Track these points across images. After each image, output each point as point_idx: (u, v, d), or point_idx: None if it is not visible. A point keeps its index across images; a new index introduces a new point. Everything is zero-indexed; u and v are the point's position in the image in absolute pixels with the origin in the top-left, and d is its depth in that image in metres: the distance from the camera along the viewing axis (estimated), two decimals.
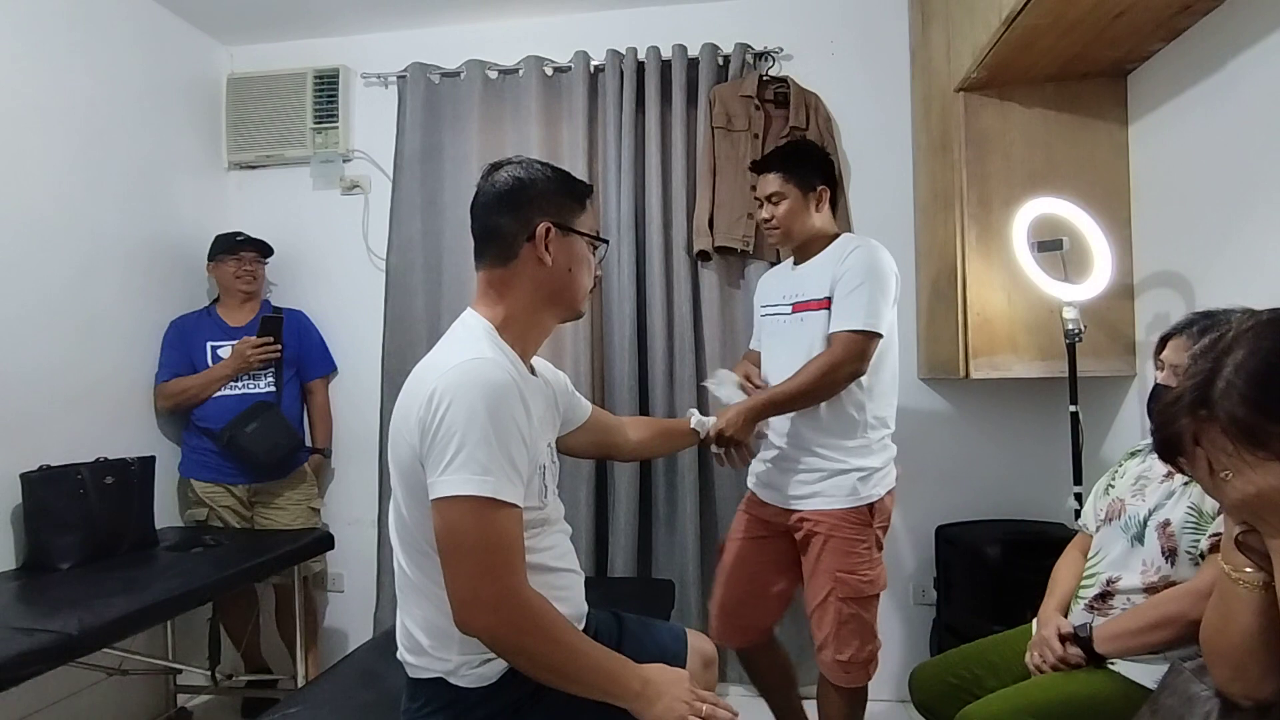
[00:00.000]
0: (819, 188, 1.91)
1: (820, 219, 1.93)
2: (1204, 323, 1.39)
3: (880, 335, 1.79)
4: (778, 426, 1.91)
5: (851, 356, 1.77)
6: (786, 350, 1.90)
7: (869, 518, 1.84)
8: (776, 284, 2.04)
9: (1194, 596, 1.29)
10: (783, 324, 1.94)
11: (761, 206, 1.94)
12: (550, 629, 1.07)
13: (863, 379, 1.81)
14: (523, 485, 1.08)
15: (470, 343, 1.15)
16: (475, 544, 1.03)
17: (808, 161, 1.92)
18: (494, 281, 1.22)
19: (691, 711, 1.10)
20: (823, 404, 1.83)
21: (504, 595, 1.04)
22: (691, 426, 1.76)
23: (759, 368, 2.06)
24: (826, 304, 1.83)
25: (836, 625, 1.81)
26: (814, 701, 1.98)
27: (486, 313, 1.21)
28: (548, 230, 1.19)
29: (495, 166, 1.26)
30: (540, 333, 1.27)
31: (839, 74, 2.73)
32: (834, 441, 1.83)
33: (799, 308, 1.90)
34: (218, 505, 2.56)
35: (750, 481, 2.04)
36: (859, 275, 1.79)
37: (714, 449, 1.81)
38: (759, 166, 1.97)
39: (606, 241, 1.32)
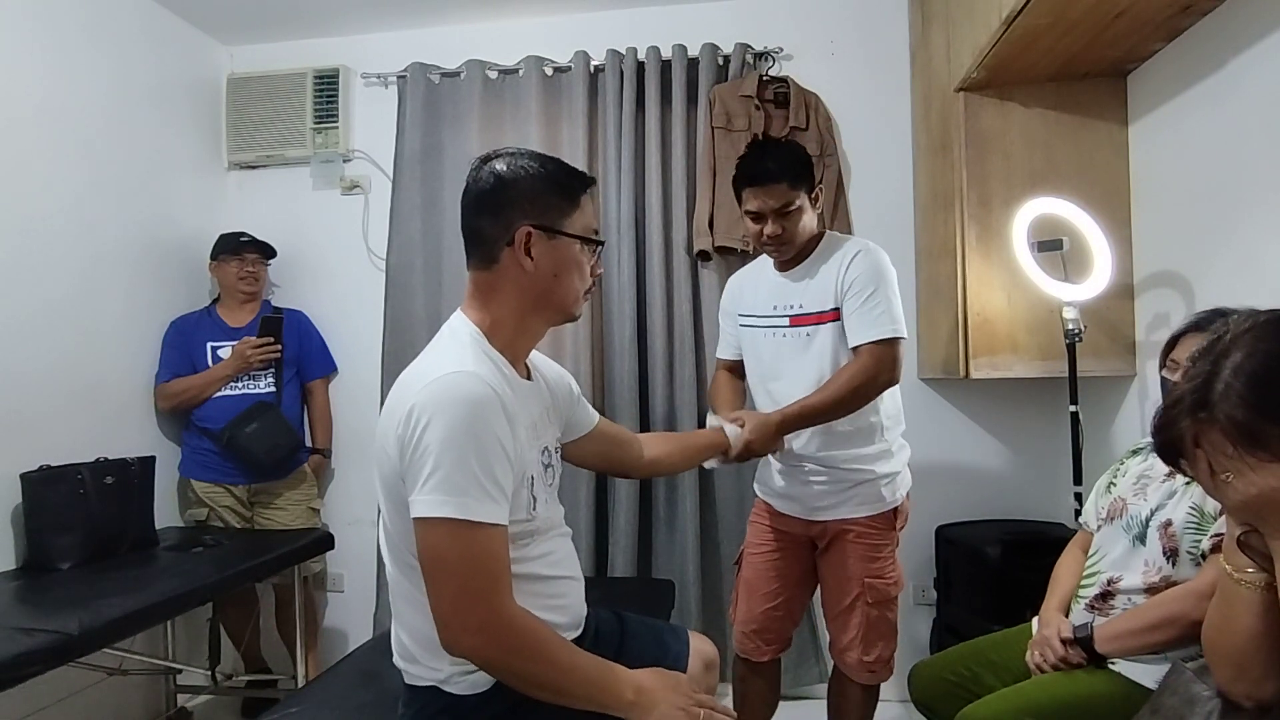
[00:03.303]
0: (816, 188, 1.82)
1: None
2: (1218, 320, 1.39)
3: (904, 338, 1.75)
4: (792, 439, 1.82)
5: (885, 366, 1.71)
6: (794, 366, 1.80)
7: (893, 521, 1.83)
8: (762, 291, 1.88)
9: (1195, 597, 1.29)
10: (780, 338, 1.82)
11: (763, 221, 1.75)
12: (538, 647, 1.05)
13: None
14: (506, 502, 1.05)
15: (454, 352, 1.11)
16: (456, 566, 1.01)
17: (807, 162, 1.80)
18: (480, 284, 1.18)
19: (689, 717, 1.08)
20: None
21: (488, 617, 1.01)
22: (724, 434, 1.69)
23: (739, 379, 1.98)
24: (835, 315, 1.76)
25: (864, 628, 1.81)
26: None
27: (474, 316, 1.17)
28: (528, 235, 1.13)
29: (484, 160, 1.19)
30: (530, 337, 1.23)
31: (839, 74, 2.73)
32: (857, 451, 1.78)
33: (800, 321, 1.80)
34: (218, 505, 2.56)
35: (762, 492, 1.96)
36: (869, 281, 1.72)
37: (736, 460, 1.76)
38: (763, 176, 1.73)
39: (601, 243, 1.25)
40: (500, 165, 1.16)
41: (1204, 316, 1.44)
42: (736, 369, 2.00)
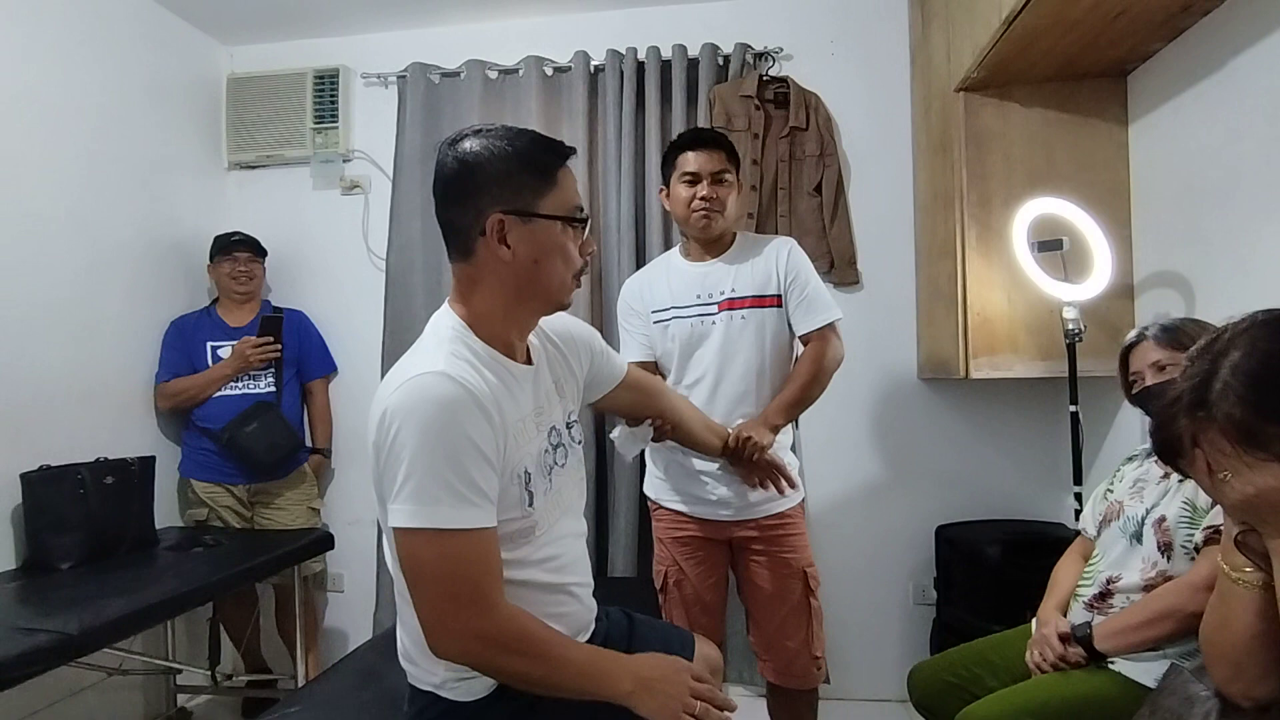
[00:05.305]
0: (740, 179, 1.88)
1: None
2: (1154, 329, 1.50)
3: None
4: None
5: (840, 345, 1.84)
6: (728, 350, 1.80)
7: (803, 508, 1.91)
8: (676, 284, 1.87)
9: (1190, 589, 1.30)
10: (710, 325, 1.82)
11: (698, 183, 1.79)
12: (529, 646, 1.02)
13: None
14: (487, 504, 1.00)
15: (432, 351, 1.06)
16: (434, 574, 0.98)
17: (736, 154, 1.87)
18: (461, 277, 1.11)
19: (685, 709, 1.05)
20: (756, 403, 1.80)
21: (472, 624, 0.98)
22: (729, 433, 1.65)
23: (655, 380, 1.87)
24: (776, 302, 1.82)
25: (813, 622, 1.84)
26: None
27: (459, 310, 1.11)
28: (500, 223, 1.05)
29: (450, 143, 1.09)
30: (519, 326, 1.15)
31: (839, 74, 2.73)
32: (779, 439, 1.78)
33: (733, 305, 1.81)
34: (218, 505, 2.56)
35: (678, 502, 1.87)
36: (808, 273, 1.84)
37: (735, 466, 1.70)
38: (705, 139, 1.82)
39: (584, 221, 1.13)
40: (465, 146, 1.07)
41: (1145, 328, 1.53)
42: (648, 370, 1.91)
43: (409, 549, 0.99)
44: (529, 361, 1.18)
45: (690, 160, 1.81)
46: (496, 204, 1.06)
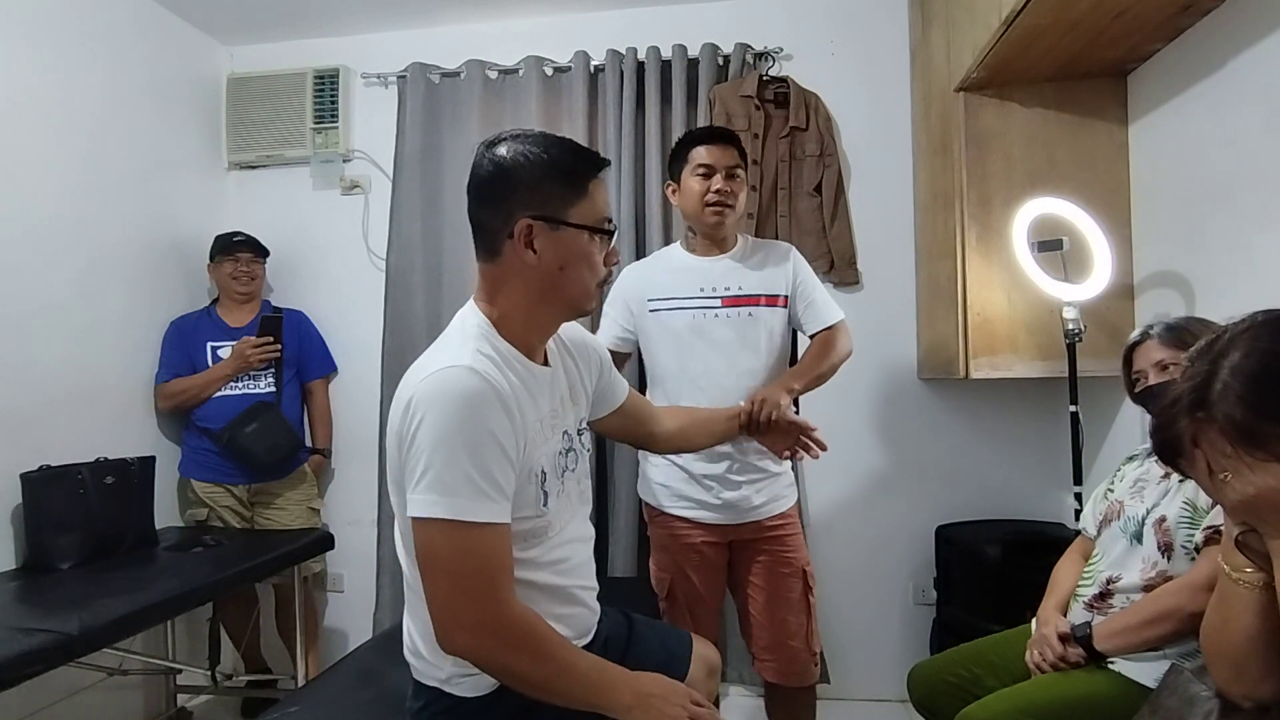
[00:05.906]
0: (746, 180, 1.92)
1: None
2: (1158, 328, 1.51)
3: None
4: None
5: (850, 339, 1.90)
6: (732, 344, 1.82)
7: (798, 508, 1.95)
8: (679, 275, 1.89)
9: (1190, 589, 1.30)
10: (711, 318, 1.83)
11: (712, 176, 1.81)
12: (536, 647, 1.03)
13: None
14: (504, 500, 1.02)
15: (458, 344, 1.08)
16: (448, 566, 1.00)
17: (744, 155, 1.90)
18: (487, 276, 1.14)
19: None
20: None
21: (482, 618, 1.00)
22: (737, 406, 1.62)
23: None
24: (780, 301, 1.86)
25: (809, 619, 1.86)
26: None
27: (484, 307, 1.14)
28: (528, 228, 1.08)
29: (488, 145, 1.13)
30: (541, 329, 1.17)
31: (839, 74, 2.73)
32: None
33: (738, 301, 1.84)
34: (218, 505, 2.56)
35: (677, 508, 1.88)
36: (814, 276, 1.92)
37: (758, 436, 1.66)
38: (719, 135, 1.85)
39: (611, 232, 1.16)
40: (501, 150, 1.11)
41: (1149, 327, 1.54)
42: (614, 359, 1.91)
43: (424, 539, 1.01)
44: (547, 364, 1.20)
45: (705, 154, 1.83)
46: (526, 209, 1.08)
